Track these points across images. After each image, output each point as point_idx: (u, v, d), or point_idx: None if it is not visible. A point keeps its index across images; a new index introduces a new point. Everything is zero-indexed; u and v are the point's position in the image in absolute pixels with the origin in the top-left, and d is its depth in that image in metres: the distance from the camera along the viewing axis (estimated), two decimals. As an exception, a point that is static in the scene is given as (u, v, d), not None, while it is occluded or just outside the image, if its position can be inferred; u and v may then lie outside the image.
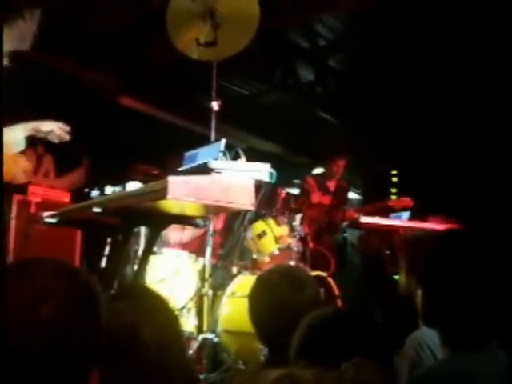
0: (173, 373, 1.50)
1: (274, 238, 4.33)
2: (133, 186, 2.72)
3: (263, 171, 2.74)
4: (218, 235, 4.40)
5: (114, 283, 2.95)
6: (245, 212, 4.11)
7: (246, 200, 2.55)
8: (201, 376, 3.39)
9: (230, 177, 2.55)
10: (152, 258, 3.57)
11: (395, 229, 4.97)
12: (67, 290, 1.14)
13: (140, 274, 3.23)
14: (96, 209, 2.70)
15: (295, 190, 5.41)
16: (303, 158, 8.05)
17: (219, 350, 3.77)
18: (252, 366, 2.97)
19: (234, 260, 4.39)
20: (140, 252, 3.66)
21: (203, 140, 3.56)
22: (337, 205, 5.68)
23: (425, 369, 1.93)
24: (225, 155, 2.84)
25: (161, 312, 1.59)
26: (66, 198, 4.54)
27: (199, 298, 3.82)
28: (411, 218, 5.08)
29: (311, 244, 4.77)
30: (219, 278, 4.16)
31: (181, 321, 3.65)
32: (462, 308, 1.64)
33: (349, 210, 5.62)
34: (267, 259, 4.31)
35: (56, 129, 3.08)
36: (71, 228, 4.24)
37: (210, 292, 3.80)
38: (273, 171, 2.77)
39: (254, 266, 4.32)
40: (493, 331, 1.67)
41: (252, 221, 4.36)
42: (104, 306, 1.20)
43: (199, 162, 2.83)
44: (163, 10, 3.97)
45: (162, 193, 2.32)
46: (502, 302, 1.65)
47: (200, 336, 3.70)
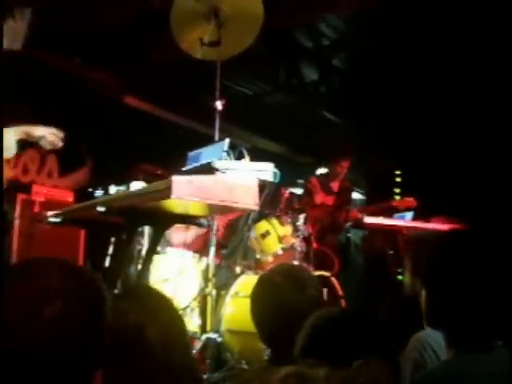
0: (177, 372, 1.50)
1: (278, 238, 4.33)
2: (136, 186, 2.72)
3: (267, 171, 2.74)
4: (221, 233, 4.40)
5: (118, 283, 2.95)
6: (248, 212, 4.10)
7: (250, 200, 2.55)
8: (204, 375, 3.39)
9: (234, 176, 2.55)
10: (156, 258, 3.56)
11: (399, 229, 4.97)
12: (71, 290, 1.13)
13: (144, 274, 3.23)
14: (100, 208, 2.70)
15: (299, 190, 5.41)
16: (307, 158, 8.04)
17: (222, 350, 3.76)
18: (257, 366, 2.97)
19: (238, 260, 4.38)
20: (144, 251, 3.66)
21: (207, 140, 3.56)
22: (340, 205, 5.67)
23: (429, 370, 1.93)
24: (229, 155, 2.84)
25: (165, 312, 1.59)
26: (70, 198, 4.54)
27: (203, 298, 3.82)
28: (415, 218, 5.07)
29: (315, 244, 4.76)
30: (223, 278, 4.16)
31: (184, 320, 3.67)
32: (466, 308, 1.64)
33: (352, 211, 5.61)
34: (271, 259, 4.31)
35: (48, 135, 3.07)
36: (75, 227, 4.24)
37: (214, 292, 3.80)
38: (276, 171, 2.77)
39: (258, 266, 4.31)
40: (497, 330, 1.67)
41: (255, 220, 4.36)
42: (109, 305, 1.20)
43: (203, 162, 2.82)
44: (167, 10, 3.98)
45: (166, 192, 2.32)
46: (506, 302, 1.64)
47: (203, 336, 3.70)
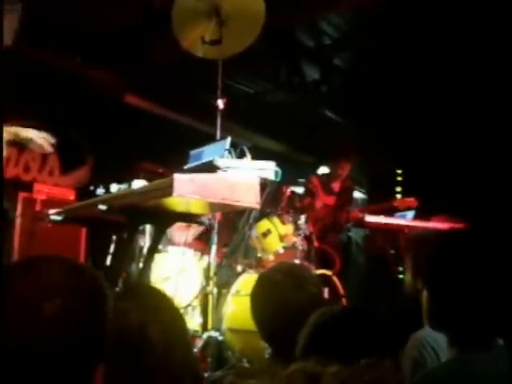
0: (178, 371, 1.49)
1: (279, 237, 4.33)
2: (138, 185, 2.72)
3: (268, 169, 2.74)
4: (223, 232, 4.39)
5: (119, 281, 2.95)
6: (250, 210, 4.10)
7: (252, 198, 2.55)
8: (205, 374, 3.39)
9: (236, 175, 2.55)
10: (157, 256, 3.57)
11: (400, 228, 4.96)
12: (72, 287, 1.13)
13: (145, 272, 3.23)
14: (101, 206, 2.70)
15: (300, 189, 5.40)
16: (308, 157, 8.03)
17: (224, 348, 3.76)
18: (259, 364, 2.96)
19: (239, 258, 4.38)
20: (145, 250, 3.66)
21: (208, 138, 3.56)
22: (341, 205, 5.66)
23: (430, 369, 1.93)
24: (230, 153, 2.84)
25: (166, 311, 1.59)
26: (71, 196, 4.55)
27: (204, 296, 3.82)
28: (416, 217, 5.07)
29: (316, 243, 4.76)
30: (224, 277, 4.16)
31: (186, 319, 3.67)
32: (468, 307, 1.64)
33: (353, 211, 5.61)
34: (272, 258, 4.31)
35: (37, 138, 3.06)
36: (76, 226, 4.25)
37: (215, 290, 3.80)
38: (278, 169, 2.77)
39: (259, 265, 4.31)
40: (498, 329, 1.67)
41: (257, 219, 4.36)
42: (111, 303, 1.20)
43: (205, 160, 2.82)
44: (169, 8, 3.97)
45: (168, 190, 2.33)
46: (507, 301, 1.64)
47: (204, 334, 3.70)
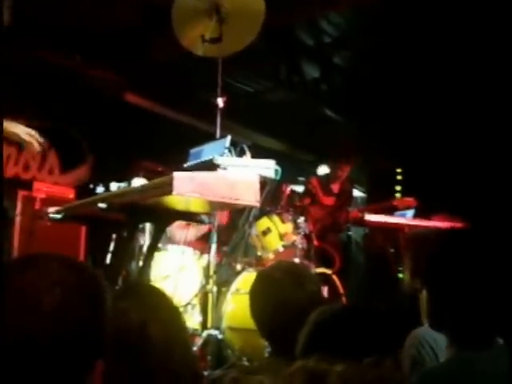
0: (178, 369, 1.49)
1: (279, 235, 4.33)
2: (138, 183, 2.72)
3: (268, 168, 2.74)
4: (223, 231, 4.40)
5: (119, 279, 2.95)
6: (250, 209, 4.10)
7: (252, 196, 2.55)
8: (205, 372, 3.38)
9: (236, 173, 2.55)
10: (157, 255, 3.56)
11: (400, 227, 4.95)
12: (72, 284, 1.14)
13: (145, 271, 3.22)
14: (101, 205, 2.70)
15: (300, 188, 5.40)
16: (308, 155, 8.04)
17: (223, 347, 3.76)
18: (259, 362, 2.96)
19: (239, 257, 4.38)
20: (145, 248, 3.66)
21: (208, 137, 3.55)
22: (340, 206, 5.66)
23: (430, 368, 1.93)
24: (230, 152, 2.83)
25: (166, 309, 1.59)
26: (71, 194, 4.55)
27: (204, 295, 3.82)
28: (416, 216, 5.06)
29: (316, 241, 4.76)
30: (224, 275, 4.16)
31: (185, 317, 3.67)
32: (467, 306, 1.64)
33: (352, 211, 5.60)
34: (271, 256, 4.31)
35: (24, 134, 3.04)
36: (76, 224, 4.25)
37: (215, 289, 3.79)
38: (278, 168, 2.77)
39: (259, 263, 4.31)
40: (498, 328, 1.67)
41: (256, 218, 4.35)
42: (109, 300, 1.20)
43: (204, 159, 2.82)
44: (168, 7, 3.97)
45: (168, 189, 2.32)
46: (507, 300, 1.64)
47: (204, 332, 3.70)
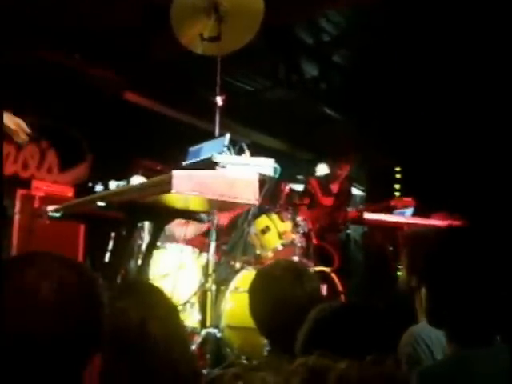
0: (177, 367, 1.50)
1: (278, 234, 4.33)
2: (137, 181, 2.72)
3: (267, 166, 2.74)
4: (223, 231, 4.40)
5: (118, 278, 2.95)
6: (249, 207, 4.10)
7: (251, 195, 2.55)
8: (204, 371, 3.39)
9: (235, 171, 2.55)
10: (156, 253, 3.56)
11: (399, 225, 4.96)
12: (70, 281, 1.14)
13: (144, 269, 3.23)
14: (100, 203, 2.70)
15: (299, 186, 5.40)
16: (307, 154, 8.03)
17: (222, 345, 3.76)
18: (259, 360, 2.97)
19: (238, 255, 4.38)
20: (144, 247, 3.66)
21: (207, 135, 3.55)
22: (339, 206, 5.66)
23: (428, 366, 1.93)
24: (229, 150, 2.83)
25: (164, 307, 1.59)
26: (70, 193, 4.55)
27: (203, 293, 3.82)
28: (415, 215, 5.07)
29: (315, 240, 4.76)
30: (223, 273, 4.16)
31: (184, 315, 3.67)
32: (466, 304, 1.64)
33: (351, 211, 5.60)
34: (270, 254, 4.31)
35: (11, 124, 3.03)
36: (75, 222, 4.25)
37: (214, 287, 3.80)
38: (277, 166, 2.77)
39: (258, 262, 4.31)
40: (497, 326, 1.67)
41: (256, 216, 4.35)
42: (106, 298, 1.20)
43: (203, 157, 2.82)
44: (167, 6, 3.97)
45: (167, 187, 2.32)
46: (506, 297, 1.64)
47: (203, 331, 3.70)
